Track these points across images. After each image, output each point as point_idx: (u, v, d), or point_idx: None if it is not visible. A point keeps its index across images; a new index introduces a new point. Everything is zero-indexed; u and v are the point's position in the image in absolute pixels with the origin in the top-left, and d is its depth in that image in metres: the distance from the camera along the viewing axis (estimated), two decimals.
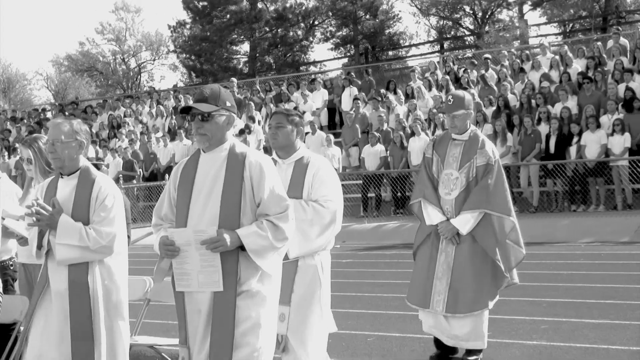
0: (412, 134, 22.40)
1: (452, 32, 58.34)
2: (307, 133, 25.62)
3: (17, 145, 29.81)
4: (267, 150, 26.71)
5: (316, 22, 58.57)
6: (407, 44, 59.88)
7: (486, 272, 7.75)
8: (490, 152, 7.71)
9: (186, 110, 5.25)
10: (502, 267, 7.69)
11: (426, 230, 8.00)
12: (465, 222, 7.64)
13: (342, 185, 23.55)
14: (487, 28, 53.52)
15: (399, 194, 22.42)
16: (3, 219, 6.84)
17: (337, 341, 9.32)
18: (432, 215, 7.86)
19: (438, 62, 29.64)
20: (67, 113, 35.73)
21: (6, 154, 29.91)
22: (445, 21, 57.66)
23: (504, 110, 21.87)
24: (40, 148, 7.37)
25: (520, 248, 7.87)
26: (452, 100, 7.81)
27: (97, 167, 6.88)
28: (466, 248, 7.71)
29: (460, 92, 8.05)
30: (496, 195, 7.64)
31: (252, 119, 27.07)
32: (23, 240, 6.94)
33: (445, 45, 57.29)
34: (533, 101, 22.11)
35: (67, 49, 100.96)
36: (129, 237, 6.85)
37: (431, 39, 59.38)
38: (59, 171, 5.91)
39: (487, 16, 55.40)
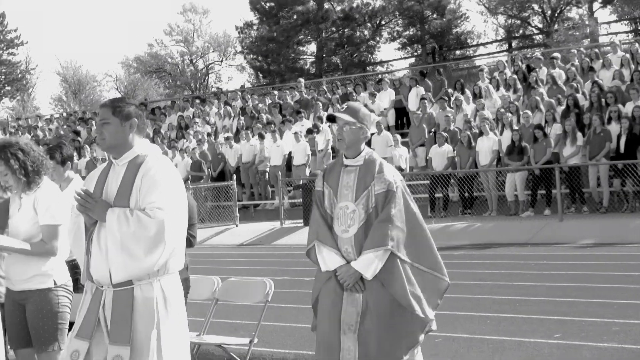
0: (480, 133, 22.24)
1: (521, 31, 57.84)
2: (373, 133, 25.61)
3: (87, 146, 30.25)
4: (334, 151, 26.74)
5: (383, 22, 58.53)
6: (474, 43, 59.58)
7: (399, 321, 6.18)
8: (390, 177, 6.23)
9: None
10: (419, 312, 6.23)
11: (323, 277, 6.29)
12: (368, 264, 6.06)
13: (409, 185, 23.49)
14: (556, 26, 52.94)
15: (466, 194, 22.26)
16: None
17: None
18: (328, 260, 6.21)
19: (506, 61, 29.38)
20: None
21: (76, 154, 30.32)
22: (513, 20, 57.18)
23: (573, 110, 21.59)
24: None
25: (443, 277, 6.61)
26: (344, 107, 6.44)
27: None
28: (373, 295, 6.12)
29: (357, 104, 6.59)
30: (398, 229, 6.19)
31: (320, 119, 27.11)
32: None
33: (514, 44, 56.83)
34: (603, 100, 21.79)
35: (136, 51, 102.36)
36: (195, 237, 6.89)
37: (499, 37, 58.99)
38: None
39: (556, 14, 54.79)
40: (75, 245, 5.38)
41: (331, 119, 6.35)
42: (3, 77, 72.88)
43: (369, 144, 25.16)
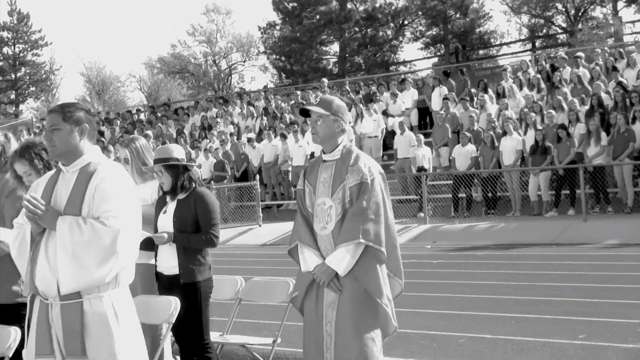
0: (504, 133, 22.16)
1: (544, 30, 57.61)
2: (396, 133, 25.59)
3: (111, 146, 30.35)
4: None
5: (406, 22, 58.48)
6: (498, 42, 59.40)
7: (371, 322, 5.90)
8: (365, 168, 5.91)
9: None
10: (390, 313, 5.94)
11: (306, 279, 6.07)
12: (340, 260, 5.80)
13: (432, 185, 23.49)
14: (580, 26, 52.70)
15: (489, 194, 22.19)
16: None
17: (428, 342, 9.28)
18: (308, 260, 6.02)
19: (530, 61, 29.27)
20: (159, 114, 36.28)
21: None
22: (537, 19, 56.96)
23: (597, 110, 21.49)
24: (137, 148, 7.49)
25: (401, 282, 6.28)
26: (317, 99, 6.16)
27: (188, 168, 6.96)
28: (348, 295, 5.85)
29: (331, 96, 6.31)
30: (371, 222, 5.83)
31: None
32: None
33: (537, 43, 56.62)
34: (627, 100, 21.67)
35: (160, 51, 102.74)
36: (218, 237, 6.90)
37: (522, 37, 58.76)
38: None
39: (580, 13, 54.55)
40: (19, 254, 5.18)
41: (304, 112, 6.14)
42: (27, 77, 73.36)
43: (389, 144, 25.14)
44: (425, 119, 28.90)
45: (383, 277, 5.92)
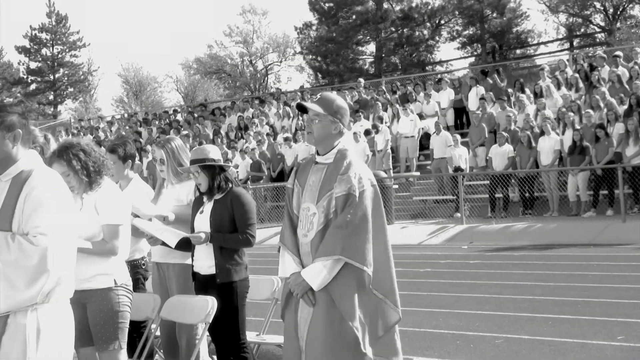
0: (542, 133, 22.04)
1: (582, 29, 57.22)
2: (432, 133, 25.54)
3: (148, 146, 30.53)
4: (393, 151, 26.70)
5: (442, 22, 58.37)
6: (535, 42, 59.07)
7: (343, 346, 5.42)
8: (354, 179, 5.47)
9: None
10: (361, 338, 5.40)
11: (287, 286, 5.71)
12: (316, 274, 5.42)
13: (469, 185, 23.36)
14: (618, 24, 52.29)
15: (526, 194, 22.07)
16: (136, 216, 6.99)
17: (464, 343, 9.25)
18: (287, 265, 5.68)
19: (567, 60, 29.08)
20: (195, 115, 36.44)
21: (137, 155, 30.61)
22: (574, 18, 56.60)
23: (636, 109, 21.30)
24: (172, 149, 7.52)
25: (395, 307, 5.62)
26: (318, 97, 5.79)
27: (224, 168, 6.97)
28: (321, 312, 5.46)
29: (333, 95, 5.84)
30: (354, 238, 5.40)
31: (380, 119, 27.07)
32: (153, 240, 7.08)
33: (575, 42, 56.24)
34: None
35: (196, 52, 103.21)
36: (254, 237, 6.90)
37: (560, 36, 58.39)
38: None
39: (618, 12, 54.13)
40: None
41: (301, 108, 5.71)
42: (66, 78, 74.07)
43: (425, 144, 25.06)
44: (461, 119, 28.80)
45: (362, 300, 5.44)
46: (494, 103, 25.94)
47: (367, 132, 26.27)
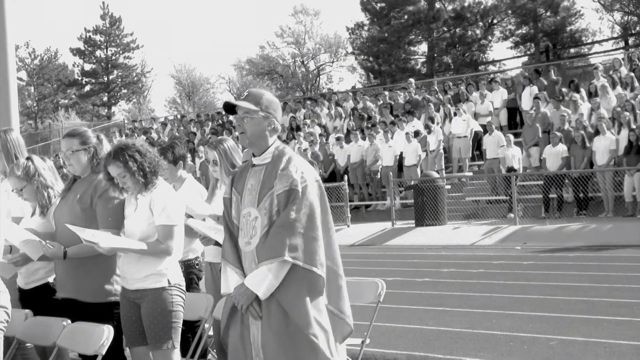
0: (596, 132, 21.82)
1: (638, 28, 56.49)
2: (485, 133, 25.40)
3: (201, 147, 30.70)
4: (446, 151, 26.59)
5: (495, 21, 57.95)
6: (589, 40, 58.47)
7: (302, 357, 4.95)
8: (296, 174, 5.04)
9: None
10: (324, 346, 4.95)
11: (228, 303, 5.27)
12: (260, 280, 4.93)
13: (522, 186, 23.21)
14: None
15: (581, 194, 21.87)
16: (189, 216, 7.03)
17: (518, 344, 9.18)
18: (230, 279, 5.22)
19: (622, 59, 28.75)
20: None
21: (190, 156, 30.81)
22: (630, 16, 55.88)
23: None
24: (225, 150, 7.55)
25: (345, 317, 5.24)
26: (245, 93, 5.31)
27: None
28: (272, 323, 4.97)
29: (261, 90, 5.42)
30: (301, 236, 4.93)
31: (431, 119, 26.99)
32: (206, 240, 7.11)
33: (630, 41, 55.54)
34: None
35: (248, 53, 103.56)
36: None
37: (615, 35, 57.71)
38: None
39: None
40: None
41: (229, 108, 5.30)
42: (119, 80, 74.87)
43: (479, 144, 24.93)
44: (514, 119, 28.59)
45: (317, 304, 5.00)
46: (548, 102, 25.71)
47: (416, 133, 26.19)
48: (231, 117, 35.67)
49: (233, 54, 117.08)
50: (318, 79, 69.90)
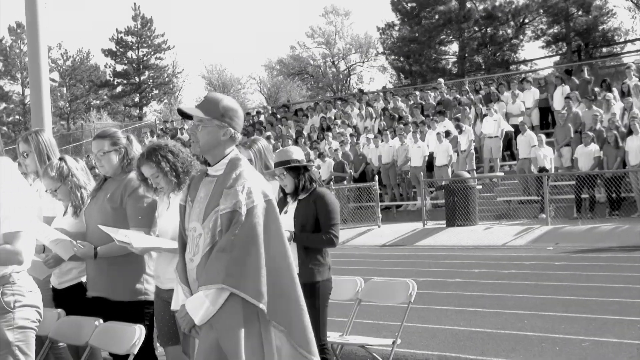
0: (629, 132, 21.67)
1: None
2: (518, 133, 25.30)
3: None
4: (477, 151, 26.51)
5: (526, 20, 57.67)
6: (621, 40, 58.04)
7: None
8: (241, 194, 4.69)
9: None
10: None
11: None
12: (198, 306, 4.70)
13: (554, 186, 23.08)
14: None
15: (613, 195, 21.72)
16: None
17: (550, 345, 9.14)
18: (179, 296, 5.00)
19: None
20: (278, 116, 36.64)
21: None
22: None
23: None
24: (259, 150, 7.56)
25: (311, 357, 4.83)
26: (201, 99, 4.99)
27: (308, 168, 6.99)
28: (204, 350, 4.76)
29: (219, 95, 5.01)
30: (241, 263, 4.63)
31: (462, 119, 26.92)
32: None
33: None
34: None
35: (279, 53, 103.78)
36: (337, 237, 6.90)
37: None
38: None
39: None
40: None
41: (184, 114, 5.00)
42: (151, 81, 75.24)
43: (509, 144, 24.79)
44: (546, 119, 28.44)
45: (255, 336, 4.68)
46: (580, 102, 25.56)
47: (447, 133, 26.13)
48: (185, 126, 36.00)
49: (264, 54, 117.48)
50: (349, 79, 69.95)
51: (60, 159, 6.92)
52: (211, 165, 4.92)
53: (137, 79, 74.90)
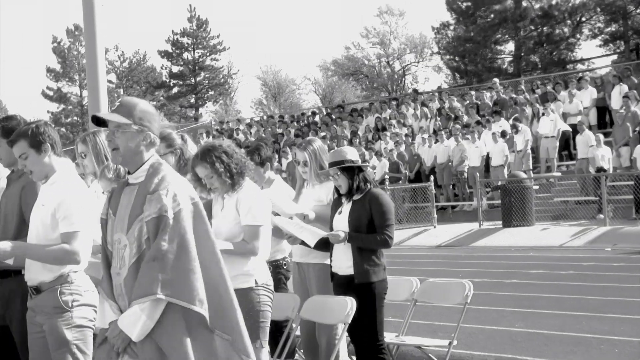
0: None
1: None
2: (576, 133, 25.05)
3: (287, 148, 30.86)
4: (533, 152, 26.28)
5: (583, 19, 57.08)
6: None
7: None
8: (166, 197, 4.47)
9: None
10: None
11: (102, 335, 4.72)
12: (133, 322, 4.39)
13: (612, 186, 22.85)
14: None
15: None
16: (276, 214, 7.06)
17: (609, 347, 9.04)
18: (106, 313, 4.67)
19: None
20: (333, 116, 36.65)
21: (276, 156, 30.98)
22: None
23: None
24: (315, 151, 7.56)
25: (240, 353, 4.62)
26: (117, 104, 4.74)
27: (363, 168, 6.97)
28: None
29: (134, 99, 4.79)
30: (175, 270, 4.39)
31: (519, 119, 26.73)
32: (292, 239, 7.14)
33: None
34: None
35: (334, 54, 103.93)
36: (392, 238, 6.87)
37: None
38: None
39: None
40: None
41: (98, 121, 4.71)
42: (207, 82, 75.70)
43: (567, 145, 24.54)
44: (604, 118, 28.10)
45: (201, 344, 4.48)
46: (638, 101, 25.22)
47: (503, 133, 25.93)
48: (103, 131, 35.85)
49: (318, 54, 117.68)
50: (403, 79, 69.78)
51: None
52: (131, 173, 4.68)
53: (193, 80, 75.40)
